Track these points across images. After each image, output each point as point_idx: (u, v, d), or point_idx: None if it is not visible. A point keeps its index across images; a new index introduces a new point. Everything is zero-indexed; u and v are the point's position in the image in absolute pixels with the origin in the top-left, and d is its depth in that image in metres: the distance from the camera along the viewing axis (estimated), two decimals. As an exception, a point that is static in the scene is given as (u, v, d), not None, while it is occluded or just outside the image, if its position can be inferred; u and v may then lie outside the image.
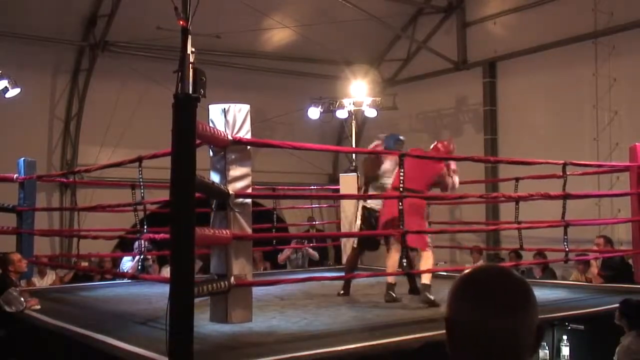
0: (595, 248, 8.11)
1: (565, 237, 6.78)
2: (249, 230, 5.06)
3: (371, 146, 6.76)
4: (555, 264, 9.43)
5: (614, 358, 4.84)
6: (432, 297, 5.71)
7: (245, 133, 5.01)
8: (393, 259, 6.14)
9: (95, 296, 7.09)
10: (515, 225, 7.91)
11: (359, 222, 6.73)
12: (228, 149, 4.94)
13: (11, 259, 6.15)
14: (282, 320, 5.19)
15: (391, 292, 6.03)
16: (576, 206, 7.24)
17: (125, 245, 10.19)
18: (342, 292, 6.57)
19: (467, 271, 1.34)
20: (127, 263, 8.95)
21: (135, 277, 6.95)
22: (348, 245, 9.27)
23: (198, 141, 4.08)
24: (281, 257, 10.45)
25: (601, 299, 6.22)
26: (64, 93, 11.75)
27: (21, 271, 6.29)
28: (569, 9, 10.91)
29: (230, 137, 4.89)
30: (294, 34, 12.26)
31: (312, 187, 11.60)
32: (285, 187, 10.68)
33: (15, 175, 8.05)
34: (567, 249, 6.83)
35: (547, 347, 4.95)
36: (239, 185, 4.96)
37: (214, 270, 4.99)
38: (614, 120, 10.44)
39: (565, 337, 5.06)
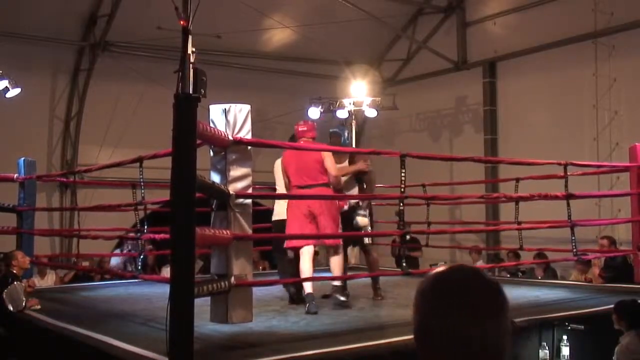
0: (599, 249, 8.12)
1: (573, 237, 6.76)
2: (250, 231, 5.06)
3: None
4: (555, 265, 9.44)
5: (614, 358, 4.85)
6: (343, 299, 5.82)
7: (246, 133, 5.01)
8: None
9: (95, 296, 7.09)
10: (517, 226, 7.91)
11: None
12: (228, 149, 4.94)
13: (15, 255, 6.21)
14: (282, 320, 5.19)
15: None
16: (576, 206, 7.25)
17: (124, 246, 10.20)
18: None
19: (436, 273, 1.28)
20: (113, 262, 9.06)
21: (135, 276, 6.94)
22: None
23: (198, 141, 4.08)
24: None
25: (601, 299, 6.22)
26: (64, 93, 11.75)
27: (25, 267, 6.34)
28: (569, 9, 10.91)
29: (230, 137, 4.89)
30: (294, 34, 12.26)
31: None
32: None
33: (15, 175, 8.05)
34: (575, 250, 6.82)
35: (547, 347, 4.95)
36: (239, 185, 4.96)
37: (214, 270, 4.99)
38: (614, 120, 10.44)
39: (565, 337, 5.05)
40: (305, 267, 5.79)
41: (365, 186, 6.45)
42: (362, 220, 6.34)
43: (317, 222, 5.79)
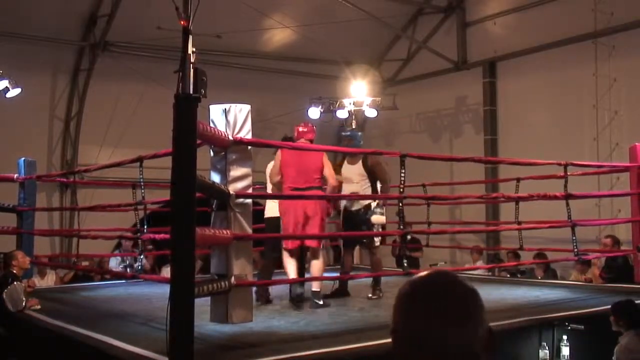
0: (600, 248, 8.12)
1: (574, 237, 6.76)
2: (249, 231, 5.06)
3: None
4: (555, 265, 9.44)
5: (613, 358, 4.85)
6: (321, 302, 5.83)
7: (246, 133, 5.01)
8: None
9: (95, 296, 7.09)
10: (517, 226, 7.91)
11: None
12: (229, 149, 4.95)
13: (15, 255, 6.21)
14: (282, 320, 5.19)
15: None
16: (576, 206, 7.26)
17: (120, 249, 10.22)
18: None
19: (416, 277, 1.31)
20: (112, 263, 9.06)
21: (135, 276, 6.95)
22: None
23: (198, 141, 4.09)
24: None
25: (601, 299, 6.22)
26: (64, 93, 11.75)
27: (25, 267, 6.34)
28: (569, 9, 10.91)
29: (231, 137, 4.90)
30: (294, 34, 12.26)
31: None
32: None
33: (15, 175, 8.05)
34: (576, 250, 6.82)
35: (547, 347, 4.95)
36: (239, 185, 4.96)
37: (214, 270, 5.00)
38: (614, 120, 10.44)
39: (565, 337, 5.06)
40: (290, 269, 5.93)
41: (380, 186, 6.48)
42: (378, 218, 6.36)
43: (306, 225, 5.82)
